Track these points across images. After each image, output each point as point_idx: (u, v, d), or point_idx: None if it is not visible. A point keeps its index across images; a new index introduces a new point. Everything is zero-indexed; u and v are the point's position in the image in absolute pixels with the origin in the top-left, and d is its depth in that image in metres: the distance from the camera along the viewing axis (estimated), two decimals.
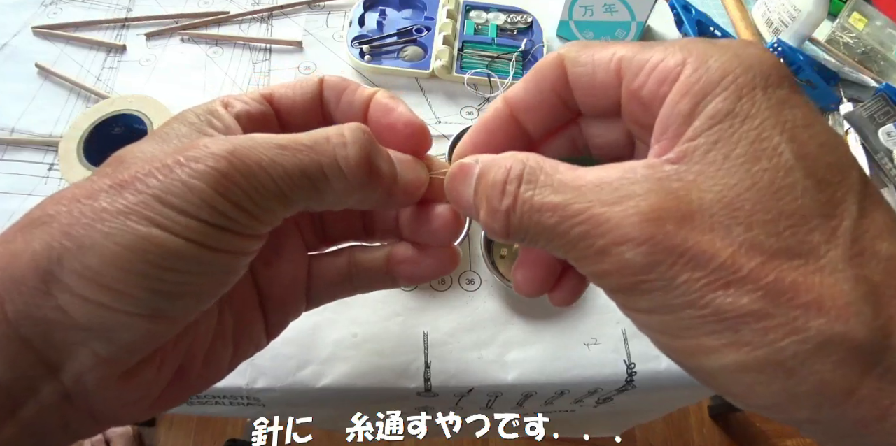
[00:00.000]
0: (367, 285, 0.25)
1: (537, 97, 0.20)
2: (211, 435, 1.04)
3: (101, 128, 0.42)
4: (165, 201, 0.16)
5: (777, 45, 0.57)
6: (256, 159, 0.17)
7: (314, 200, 0.19)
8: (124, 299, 0.16)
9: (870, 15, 0.60)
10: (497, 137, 0.21)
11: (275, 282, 0.24)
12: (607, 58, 0.18)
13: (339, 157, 0.18)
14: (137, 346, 0.18)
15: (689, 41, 0.17)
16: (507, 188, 0.17)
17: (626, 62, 0.17)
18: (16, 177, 0.45)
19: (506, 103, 0.20)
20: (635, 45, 0.17)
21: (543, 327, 0.40)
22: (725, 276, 0.14)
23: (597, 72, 0.18)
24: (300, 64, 0.54)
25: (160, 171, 0.17)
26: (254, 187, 0.17)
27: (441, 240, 0.23)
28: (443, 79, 0.53)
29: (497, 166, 0.18)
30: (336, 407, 0.40)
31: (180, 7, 0.58)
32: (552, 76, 0.19)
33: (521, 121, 0.20)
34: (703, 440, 1.10)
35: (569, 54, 0.18)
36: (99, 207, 0.16)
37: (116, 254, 0.16)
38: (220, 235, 0.17)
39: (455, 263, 0.24)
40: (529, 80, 0.20)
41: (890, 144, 0.52)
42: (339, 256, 0.25)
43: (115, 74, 0.52)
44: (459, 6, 0.57)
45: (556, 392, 0.41)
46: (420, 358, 0.38)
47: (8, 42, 0.54)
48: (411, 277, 0.25)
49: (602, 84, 0.18)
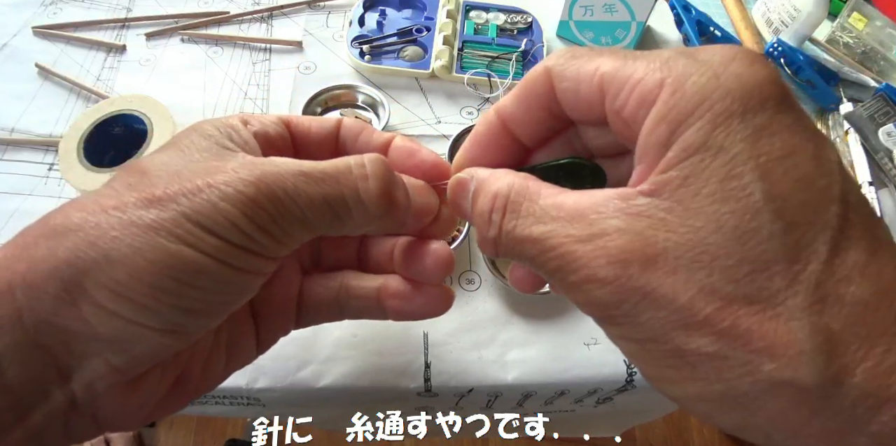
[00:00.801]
0: (355, 313, 0.25)
1: (527, 110, 0.20)
2: (211, 435, 1.04)
3: (101, 128, 0.42)
4: (194, 220, 0.17)
5: (777, 45, 0.57)
6: (283, 186, 0.18)
7: (334, 227, 0.20)
8: (147, 314, 0.17)
9: (870, 15, 0.60)
10: (491, 150, 0.21)
11: (268, 300, 0.24)
12: (590, 72, 0.17)
13: (361, 189, 0.19)
14: (148, 358, 0.18)
15: (671, 56, 0.16)
16: (493, 218, 0.18)
17: (608, 79, 0.17)
18: (16, 177, 0.45)
19: (497, 115, 0.20)
20: (620, 57, 0.17)
21: (543, 327, 0.40)
22: (684, 318, 0.14)
23: (581, 87, 0.17)
24: (300, 64, 0.54)
25: (190, 191, 0.17)
26: (280, 213, 0.18)
27: (430, 277, 0.24)
28: (443, 79, 0.53)
29: (484, 193, 0.19)
30: (336, 407, 0.40)
31: (180, 7, 0.58)
32: (540, 90, 0.19)
33: (514, 133, 0.20)
34: (703, 440, 1.10)
35: (555, 68, 0.18)
36: (127, 220, 0.17)
37: (145, 270, 0.16)
38: (244, 256, 0.18)
39: (447, 305, 0.24)
40: (519, 93, 0.19)
41: (890, 144, 0.52)
42: (332, 280, 0.25)
43: (115, 74, 0.52)
44: (459, 6, 0.57)
45: (556, 392, 0.41)
46: (420, 358, 0.38)
47: (8, 42, 0.54)
48: (400, 313, 0.25)
49: (587, 99, 0.18)
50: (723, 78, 0.15)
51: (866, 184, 0.50)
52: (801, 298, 0.14)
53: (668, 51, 0.16)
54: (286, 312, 0.25)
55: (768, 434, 0.15)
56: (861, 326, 0.14)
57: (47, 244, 0.17)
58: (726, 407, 0.15)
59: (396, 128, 0.50)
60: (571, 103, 0.18)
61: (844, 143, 0.53)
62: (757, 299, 0.14)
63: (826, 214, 0.14)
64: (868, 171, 0.51)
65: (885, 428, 0.13)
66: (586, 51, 0.18)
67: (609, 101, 0.17)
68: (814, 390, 0.13)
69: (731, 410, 0.15)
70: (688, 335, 0.14)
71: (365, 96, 0.50)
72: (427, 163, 0.23)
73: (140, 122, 0.42)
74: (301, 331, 0.26)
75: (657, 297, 0.15)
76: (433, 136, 0.50)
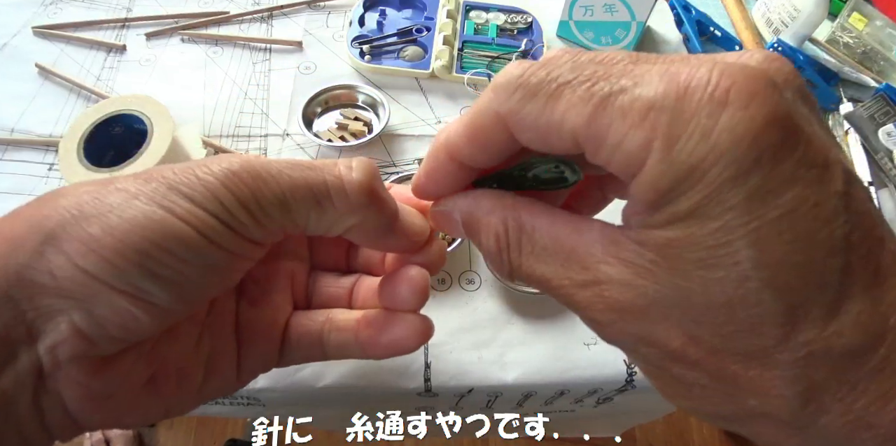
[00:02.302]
0: (336, 348, 0.25)
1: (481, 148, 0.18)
2: (211, 435, 1.04)
3: (101, 128, 0.42)
4: (175, 189, 0.18)
5: (777, 45, 0.57)
6: (267, 167, 0.19)
7: (314, 214, 0.20)
8: (113, 271, 0.17)
9: (870, 15, 0.60)
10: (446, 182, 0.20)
11: (254, 323, 0.24)
12: (556, 125, 0.15)
13: (345, 177, 0.20)
14: (115, 328, 0.18)
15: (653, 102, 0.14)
16: (503, 257, 0.18)
17: (583, 136, 0.15)
18: (16, 177, 0.45)
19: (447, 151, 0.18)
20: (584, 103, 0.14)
21: (543, 327, 0.40)
22: (677, 358, 0.15)
23: (550, 140, 0.16)
24: (300, 64, 0.54)
25: (178, 168, 0.18)
26: (261, 189, 0.18)
27: (404, 303, 0.23)
28: (443, 79, 0.53)
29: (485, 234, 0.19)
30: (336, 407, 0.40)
31: (180, 7, 0.58)
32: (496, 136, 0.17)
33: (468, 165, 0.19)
34: (703, 440, 1.10)
35: (509, 115, 0.16)
36: (112, 189, 0.18)
37: (117, 226, 0.17)
38: (221, 230, 0.18)
39: (423, 335, 0.24)
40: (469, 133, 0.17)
41: (890, 144, 0.52)
42: (320, 315, 0.25)
43: (115, 74, 0.52)
44: (459, 6, 0.57)
45: (556, 392, 0.41)
46: (420, 358, 0.38)
47: (8, 42, 0.54)
48: (372, 344, 0.24)
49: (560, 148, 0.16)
50: (713, 138, 0.13)
51: (866, 184, 0.50)
52: (787, 355, 0.14)
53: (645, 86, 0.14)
54: (271, 339, 0.25)
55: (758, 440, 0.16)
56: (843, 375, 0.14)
57: (35, 204, 0.18)
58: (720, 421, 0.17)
59: (397, 128, 0.50)
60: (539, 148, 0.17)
61: (844, 143, 0.53)
62: (743, 352, 0.14)
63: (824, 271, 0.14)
64: (868, 171, 0.51)
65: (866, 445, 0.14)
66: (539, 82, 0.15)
67: (589, 157, 0.15)
68: (792, 423, 0.15)
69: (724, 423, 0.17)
70: (680, 368, 0.16)
71: (365, 96, 0.50)
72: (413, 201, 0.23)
73: (140, 122, 0.42)
74: None
75: (651, 341, 0.16)
76: (433, 136, 0.50)
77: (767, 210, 0.13)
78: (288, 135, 0.49)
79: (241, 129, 0.49)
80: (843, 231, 0.14)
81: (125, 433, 1.00)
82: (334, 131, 0.48)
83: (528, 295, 0.40)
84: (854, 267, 0.14)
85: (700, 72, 0.14)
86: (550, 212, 0.18)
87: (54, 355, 0.17)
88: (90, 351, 0.18)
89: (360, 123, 0.48)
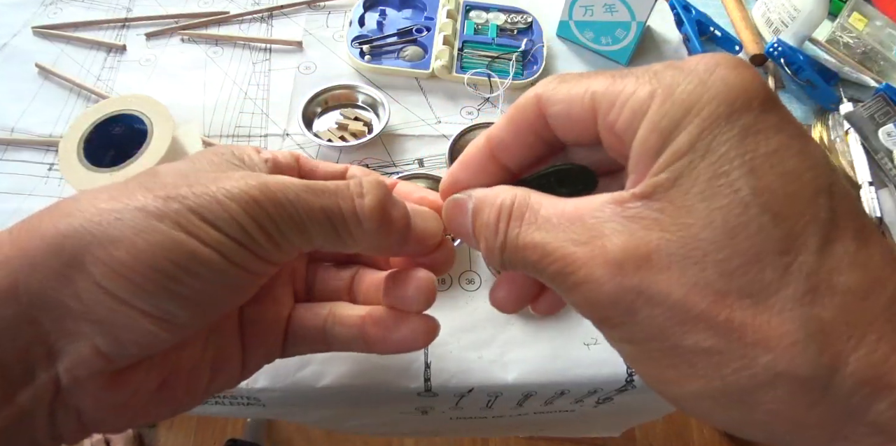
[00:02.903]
0: (340, 343, 0.25)
1: (517, 136, 0.20)
2: (211, 435, 1.04)
3: (101, 128, 0.42)
4: (198, 213, 0.18)
5: (777, 45, 0.57)
6: (285, 192, 0.19)
7: (330, 239, 0.20)
8: (141, 295, 0.17)
9: (870, 15, 0.60)
10: (478, 175, 0.21)
11: (258, 320, 0.25)
12: (581, 93, 0.18)
13: (357, 204, 0.20)
14: (136, 348, 0.18)
15: (659, 69, 0.16)
16: (500, 227, 0.19)
17: (600, 96, 0.17)
18: (16, 177, 0.45)
19: (487, 142, 0.21)
20: (608, 77, 0.17)
21: (543, 327, 0.40)
22: (680, 314, 0.15)
23: (572, 108, 0.18)
24: (300, 64, 0.54)
25: (197, 189, 0.18)
26: (279, 215, 0.19)
27: (411, 304, 0.24)
28: (443, 79, 0.53)
29: (489, 205, 0.19)
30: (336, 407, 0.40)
31: (180, 7, 0.58)
32: (530, 116, 0.19)
33: (502, 160, 0.21)
34: (703, 440, 1.10)
35: (545, 93, 0.19)
36: (133, 207, 0.18)
37: (144, 250, 0.17)
38: (242, 252, 0.19)
39: (430, 336, 0.24)
40: (509, 120, 0.20)
41: (890, 144, 0.52)
42: (322, 308, 0.26)
43: (115, 74, 0.52)
44: (459, 6, 0.57)
45: (557, 392, 0.41)
46: (420, 358, 0.38)
47: (8, 42, 0.54)
48: (380, 342, 0.24)
49: (579, 120, 0.18)
50: (709, 83, 0.15)
51: (866, 184, 0.50)
52: (791, 289, 0.14)
53: (655, 65, 0.17)
54: (274, 335, 0.25)
55: (768, 429, 0.15)
56: (852, 315, 0.14)
57: (52, 221, 0.18)
58: (726, 404, 0.15)
59: (397, 128, 0.50)
60: (563, 125, 0.19)
61: (844, 143, 0.53)
62: (749, 292, 0.14)
63: (814, 206, 0.14)
64: (868, 171, 0.51)
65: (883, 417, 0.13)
66: (575, 75, 0.18)
67: (601, 118, 0.17)
68: (809, 380, 0.14)
69: (730, 407, 0.15)
70: (684, 331, 0.15)
71: (365, 96, 0.50)
72: (427, 200, 0.24)
73: (140, 122, 0.42)
74: None
75: (652, 295, 0.15)
76: (433, 136, 0.50)
77: (759, 146, 0.15)
78: (288, 135, 0.49)
79: (241, 129, 0.49)
80: (827, 179, 0.15)
81: (125, 433, 1.00)
82: (334, 131, 0.48)
83: None
84: (840, 213, 0.15)
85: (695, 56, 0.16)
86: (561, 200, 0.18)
87: (73, 374, 0.18)
88: (108, 368, 0.18)
89: (360, 123, 0.48)
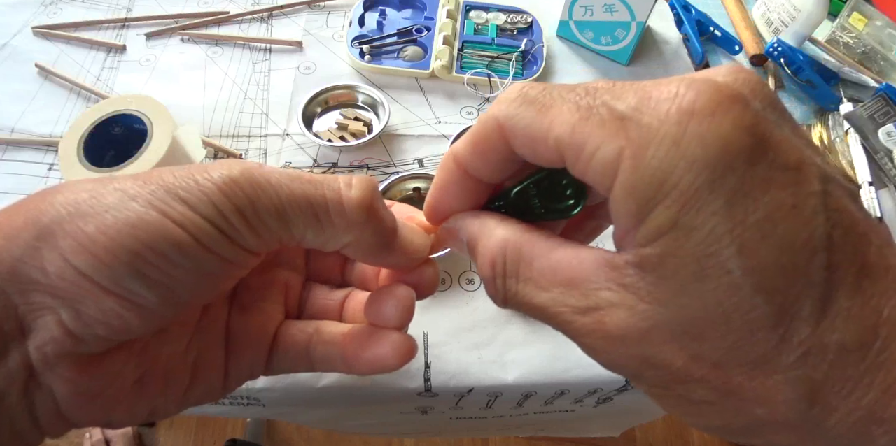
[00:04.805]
0: (323, 362, 0.25)
1: (484, 158, 0.19)
2: (211, 435, 1.05)
3: (101, 128, 0.42)
4: (174, 193, 0.18)
5: (777, 45, 0.57)
6: (267, 177, 0.19)
7: (312, 228, 0.20)
8: (104, 271, 0.17)
9: (870, 15, 0.60)
10: (458, 194, 0.21)
11: (244, 330, 0.24)
12: (543, 132, 0.16)
13: (344, 194, 0.20)
14: (103, 328, 0.18)
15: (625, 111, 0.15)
16: (497, 283, 0.19)
17: (564, 144, 0.16)
18: (16, 177, 0.45)
19: (455, 163, 0.20)
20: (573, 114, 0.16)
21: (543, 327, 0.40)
22: (682, 377, 0.15)
23: (536, 147, 0.17)
24: (300, 64, 0.54)
25: (179, 172, 0.18)
26: (258, 197, 0.18)
27: (388, 320, 0.23)
28: (443, 79, 0.53)
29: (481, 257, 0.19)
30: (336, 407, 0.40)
31: (180, 7, 0.58)
32: (495, 141, 0.18)
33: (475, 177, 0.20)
34: (703, 440, 1.10)
35: (505, 122, 0.17)
36: (111, 188, 0.18)
37: (111, 226, 0.17)
38: (216, 236, 0.18)
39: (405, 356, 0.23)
40: (473, 141, 0.19)
41: (890, 144, 0.52)
42: (309, 325, 0.25)
43: (115, 74, 0.52)
44: (459, 6, 0.57)
45: (556, 392, 0.41)
46: (420, 358, 0.38)
47: (8, 42, 0.54)
48: (354, 359, 0.24)
49: (545, 158, 0.17)
50: (683, 145, 0.14)
51: (866, 184, 0.50)
52: (784, 357, 0.14)
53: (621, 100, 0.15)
54: (259, 348, 0.25)
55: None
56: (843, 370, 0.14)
57: (35, 201, 0.18)
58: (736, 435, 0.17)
59: (396, 128, 0.50)
60: (529, 157, 0.18)
61: (844, 143, 0.53)
62: (744, 362, 0.15)
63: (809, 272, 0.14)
64: (868, 171, 0.51)
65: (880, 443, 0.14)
66: (538, 94, 0.17)
67: (570, 165, 0.16)
68: (802, 427, 0.15)
69: (737, 436, 0.17)
70: (687, 388, 0.16)
71: (365, 96, 0.50)
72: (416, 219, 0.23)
73: (140, 122, 0.42)
74: None
75: (654, 363, 0.16)
76: (433, 136, 0.50)
77: (748, 214, 0.14)
78: (288, 135, 0.49)
79: (241, 129, 0.49)
80: (824, 230, 0.14)
81: (125, 433, 1.00)
82: (334, 131, 0.48)
83: None
84: (839, 264, 0.14)
85: (669, 87, 0.15)
86: (551, 241, 0.18)
87: (44, 352, 0.18)
88: (78, 348, 0.18)
89: (360, 123, 0.48)
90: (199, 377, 0.23)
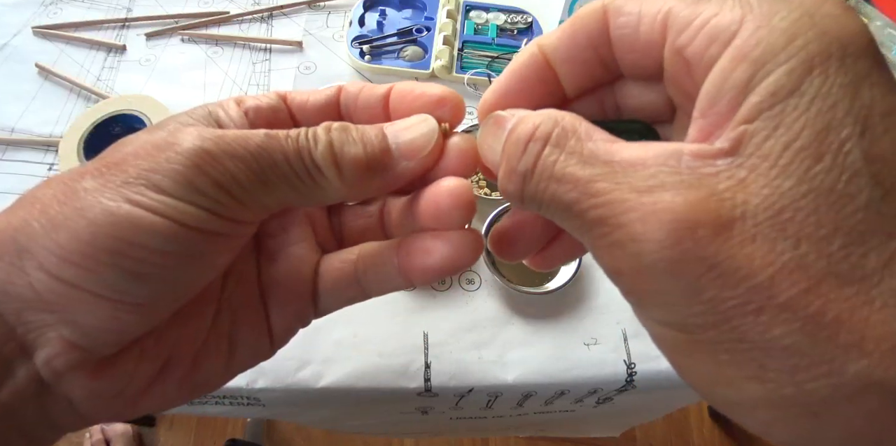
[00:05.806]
0: (376, 284, 0.22)
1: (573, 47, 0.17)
2: (211, 435, 1.05)
3: (101, 128, 0.42)
4: (142, 178, 0.16)
5: None
6: (242, 143, 0.17)
7: (300, 192, 0.18)
8: (90, 277, 0.16)
9: (870, 15, 0.60)
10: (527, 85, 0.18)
11: (278, 281, 0.22)
12: (655, 10, 0.15)
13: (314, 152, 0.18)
14: (105, 334, 0.17)
15: None
16: (530, 147, 0.15)
17: (675, 15, 0.14)
18: (16, 177, 0.45)
19: (540, 49, 0.18)
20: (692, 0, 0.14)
21: (543, 327, 0.40)
22: (760, 300, 0.12)
23: (641, 24, 0.15)
24: (300, 64, 0.54)
25: (145, 152, 0.17)
26: (237, 167, 0.17)
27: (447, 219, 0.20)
28: (443, 79, 0.53)
29: (524, 122, 0.16)
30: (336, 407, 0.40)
31: (180, 7, 0.58)
32: (592, 26, 0.16)
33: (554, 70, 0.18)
34: (703, 440, 1.10)
35: (613, 3, 0.16)
36: (80, 188, 0.16)
37: (84, 229, 0.16)
38: (200, 214, 0.17)
39: (475, 251, 0.20)
40: (567, 29, 0.17)
41: None
42: (351, 253, 0.23)
43: (115, 74, 0.52)
44: (459, 6, 0.57)
45: (557, 392, 0.41)
46: (420, 358, 0.38)
47: (8, 42, 0.54)
48: (420, 270, 0.21)
49: (645, 39, 0.15)
50: (817, 17, 0.12)
51: None
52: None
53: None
54: (301, 295, 0.22)
55: None
56: None
57: (7, 216, 0.17)
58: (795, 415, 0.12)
59: None
60: (627, 41, 0.16)
61: None
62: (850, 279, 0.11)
63: None
64: None
65: None
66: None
67: (671, 38, 0.15)
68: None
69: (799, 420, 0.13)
70: (760, 322, 0.12)
71: None
72: (427, 96, 0.20)
73: (140, 122, 0.42)
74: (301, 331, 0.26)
75: (727, 272, 0.12)
76: None
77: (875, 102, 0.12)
78: None
79: None
80: None
81: (125, 433, 1.00)
82: None
83: (528, 295, 0.40)
84: None
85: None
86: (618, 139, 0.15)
87: (52, 366, 0.17)
88: (87, 358, 0.17)
89: None
90: (240, 342, 0.22)
